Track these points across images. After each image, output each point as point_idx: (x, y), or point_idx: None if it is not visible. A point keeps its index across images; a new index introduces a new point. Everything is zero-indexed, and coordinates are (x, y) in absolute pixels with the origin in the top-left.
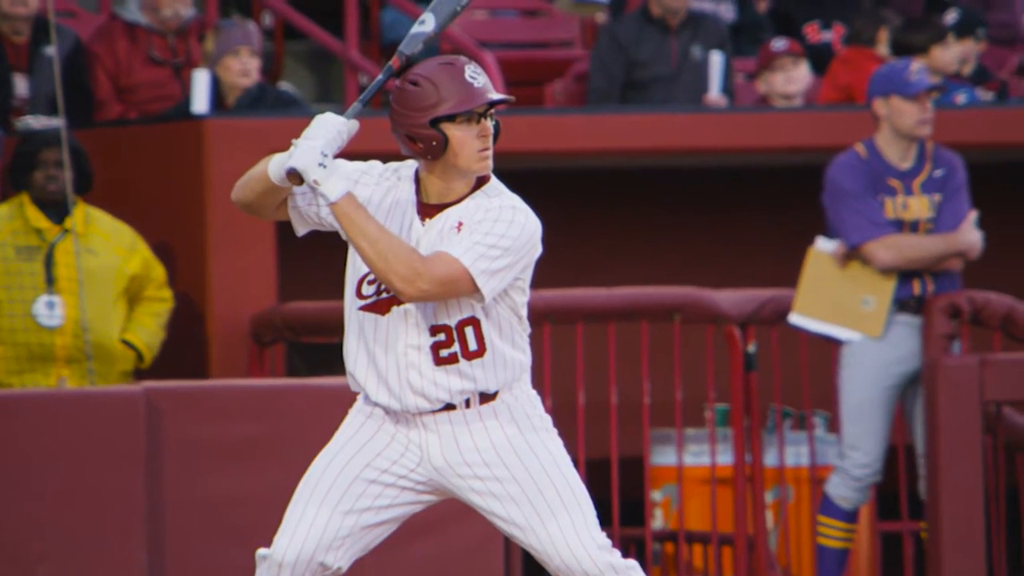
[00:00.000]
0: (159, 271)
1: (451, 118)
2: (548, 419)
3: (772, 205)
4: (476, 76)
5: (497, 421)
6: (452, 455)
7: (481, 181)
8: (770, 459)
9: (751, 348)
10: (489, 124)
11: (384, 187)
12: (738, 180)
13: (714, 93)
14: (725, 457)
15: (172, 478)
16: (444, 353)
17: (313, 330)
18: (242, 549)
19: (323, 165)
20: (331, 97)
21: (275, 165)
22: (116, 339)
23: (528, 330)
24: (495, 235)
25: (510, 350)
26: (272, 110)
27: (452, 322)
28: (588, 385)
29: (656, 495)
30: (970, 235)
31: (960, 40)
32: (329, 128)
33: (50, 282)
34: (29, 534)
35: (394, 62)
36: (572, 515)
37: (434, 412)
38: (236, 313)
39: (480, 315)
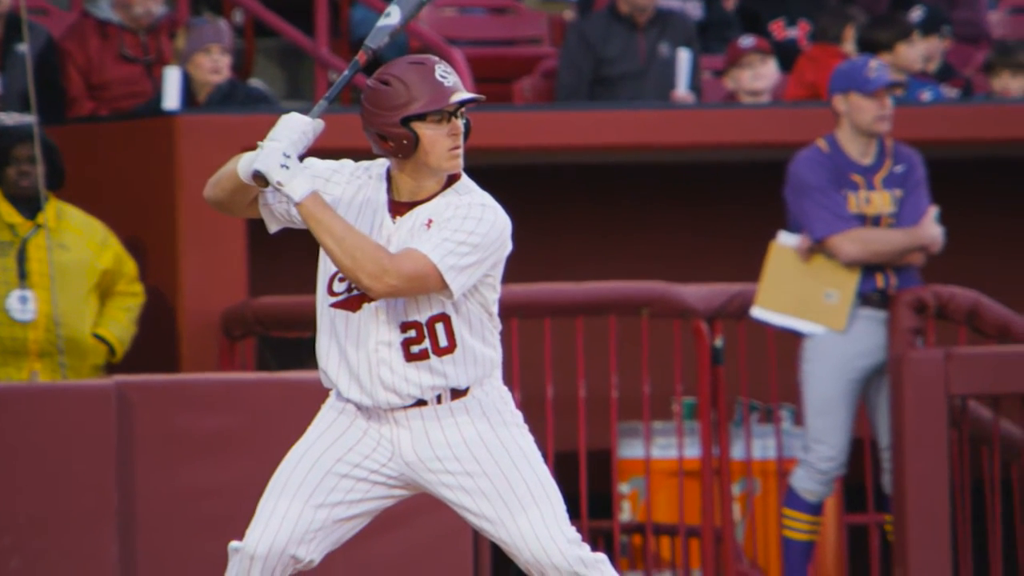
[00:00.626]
0: (130, 266)
1: (422, 117)
2: (519, 415)
3: (739, 201)
4: (446, 75)
5: (468, 416)
6: (423, 450)
7: (452, 179)
8: (737, 452)
9: (718, 342)
10: (459, 123)
11: (355, 185)
12: (705, 176)
13: (681, 90)
14: (692, 450)
15: (143, 470)
16: (415, 349)
17: (283, 325)
18: (213, 541)
19: (286, 166)
20: (301, 94)
21: (244, 164)
22: (88, 333)
23: (499, 327)
24: (464, 232)
25: (480, 346)
26: (243, 107)
27: (423, 318)
28: (556, 379)
29: (624, 488)
30: (932, 229)
31: (925, 37)
32: (293, 129)
33: (22, 277)
34: (2, 526)
35: (360, 57)
36: (542, 509)
37: (405, 408)
38: (207, 308)
39: (450, 311)
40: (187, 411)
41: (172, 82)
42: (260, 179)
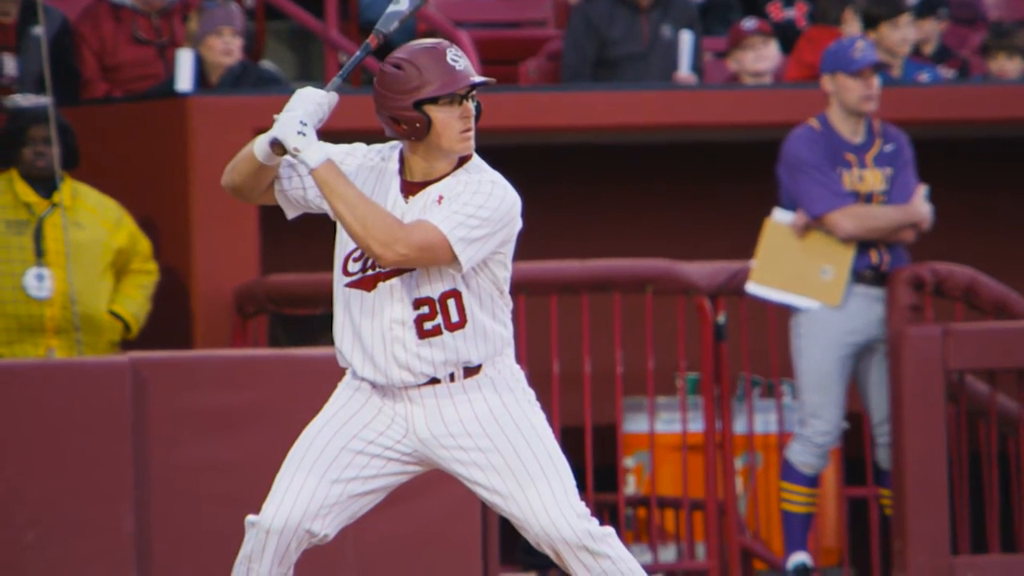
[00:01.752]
0: (145, 244)
1: (434, 100)
2: (531, 392)
3: (741, 180)
4: (458, 59)
5: (481, 394)
6: (437, 427)
7: (463, 160)
8: (739, 426)
9: (721, 319)
10: (471, 105)
11: (368, 167)
12: (708, 155)
13: (684, 71)
14: (696, 424)
15: (158, 446)
16: (428, 326)
17: (295, 302)
18: (226, 515)
19: (302, 133)
20: (311, 75)
21: (260, 141)
22: (103, 310)
23: (510, 305)
24: (474, 205)
25: (491, 323)
26: (254, 88)
27: (435, 294)
28: (562, 355)
29: (629, 462)
30: (923, 207)
31: (922, 19)
32: (309, 100)
33: (39, 255)
34: (18, 500)
35: (371, 40)
36: (552, 484)
37: (419, 386)
38: (220, 285)
39: (462, 287)
40: (200, 387)
41: (185, 64)
42: (278, 146)
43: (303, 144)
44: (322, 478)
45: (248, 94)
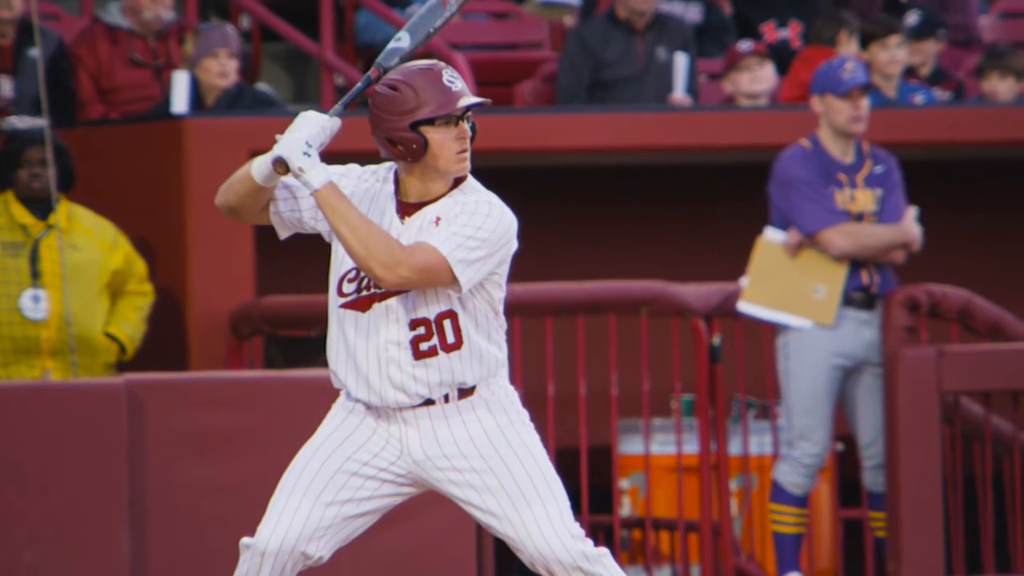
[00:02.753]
0: (140, 266)
1: (430, 121)
2: (525, 414)
3: (736, 201)
4: (454, 80)
5: (475, 414)
6: (431, 448)
7: (458, 180)
8: (734, 448)
9: (715, 340)
10: (466, 127)
11: (364, 188)
12: (703, 177)
13: (678, 93)
14: (691, 446)
15: (153, 467)
16: (424, 347)
17: (290, 323)
18: (222, 536)
19: (307, 154)
20: (307, 97)
21: (258, 164)
22: (99, 332)
23: (504, 326)
24: (472, 227)
25: (486, 344)
26: (250, 110)
27: (431, 315)
28: (557, 376)
29: (624, 483)
30: (914, 227)
31: (921, 40)
32: (313, 123)
33: (35, 276)
34: (15, 521)
35: (372, 73)
36: (547, 506)
37: (413, 407)
38: (215, 307)
39: (458, 308)
40: (196, 409)
41: (180, 86)
42: (281, 165)
43: (308, 165)
44: (316, 500)
45: (244, 116)
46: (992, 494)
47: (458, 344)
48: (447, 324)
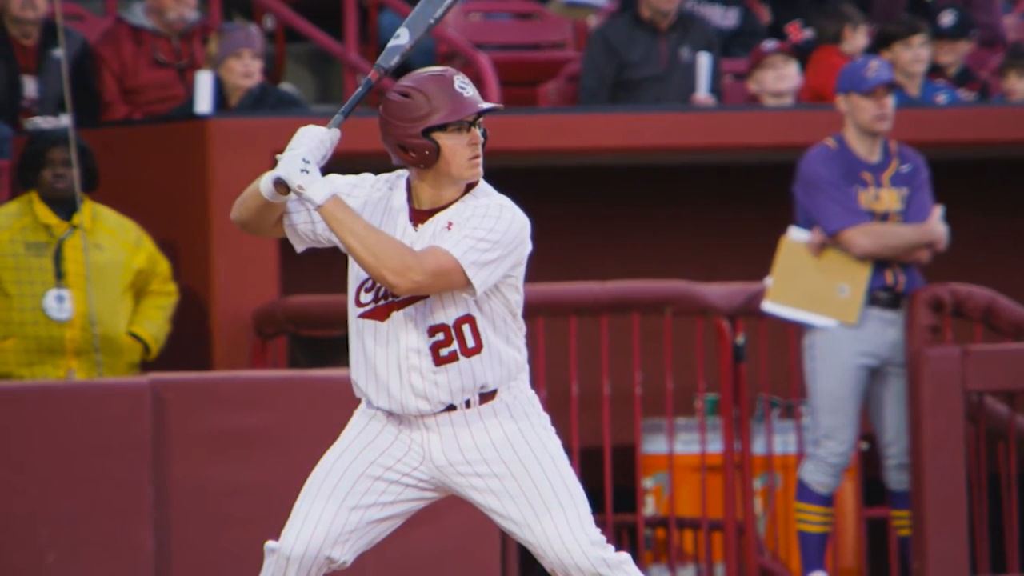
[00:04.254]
0: (164, 266)
1: (443, 127)
2: (546, 417)
3: (759, 201)
4: (465, 86)
5: (496, 420)
6: (453, 454)
7: (470, 185)
8: (758, 447)
9: (740, 340)
10: (478, 132)
11: (376, 197)
12: (726, 177)
13: (702, 93)
14: (715, 445)
15: (177, 467)
16: (444, 352)
17: (314, 323)
18: (245, 536)
19: (306, 171)
20: (331, 97)
21: (264, 180)
22: (123, 332)
23: (523, 328)
24: (484, 229)
25: (505, 347)
26: (273, 110)
27: (450, 321)
28: (582, 376)
29: (648, 482)
30: (939, 227)
31: (956, 40)
32: (310, 138)
33: (59, 277)
34: (38, 521)
35: (372, 75)
36: (567, 512)
37: (435, 414)
38: (239, 307)
39: (475, 312)
40: (220, 409)
41: (204, 86)
42: (281, 186)
43: (307, 182)
44: (341, 505)
45: (268, 116)
46: (1016, 493)
47: (478, 348)
48: (466, 329)
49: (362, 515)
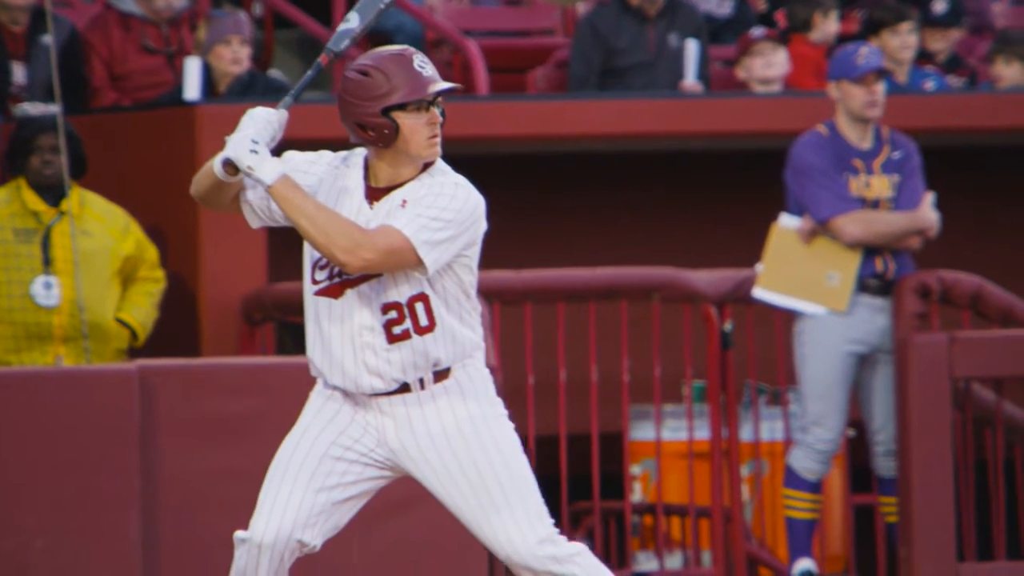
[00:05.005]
0: (152, 252)
1: (402, 107)
2: (499, 402)
3: (747, 187)
4: (424, 66)
5: (449, 401)
6: (406, 437)
7: (428, 164)
8: (746, 434)
9: (727, 326)
10: (437, 112)
11: (333, 175)
12: (715, 163)
13: (690, 79)
14: (702, 432)
15: (165, 453)
16: (397, 330)
17: (301, 310)
18: (234, 522)
19: (255, 151)
20: (319, 84)
21: (216, 161)
22: (111, 318)
23: (478, 308)
24: (437, 208)
25: (459, 326)
26: (262, 97)
27: (403, 299)
28: (569, 362)
29: (635, 469)
30: (930, 214)
31: (947, 28)
32: (259, 119)
33: (47, 263)
34: (27, 507)
35: (322, 59)
36: (514, 511)
37: (389, 394)
38: (227, 293)
39: (428, 290)
40: (208, 395)
41: (193, 73)
42: (231, 167)
43: (256, 162)
44: (307, 488)
45: (256, 103)
46: (1004, 480)
47: (431, 326)
48: (419, 307)
49: (327, 496)
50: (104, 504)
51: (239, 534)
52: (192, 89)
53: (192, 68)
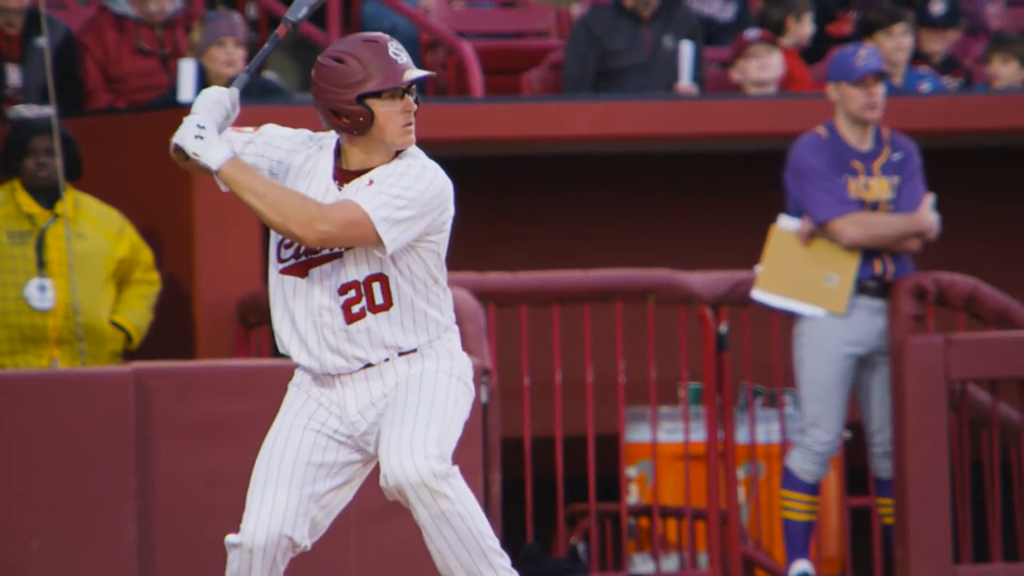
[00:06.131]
0: (147, 254)
1: (377, 94)
2: (467, 372)
3: (742, 189)
4: (399, 53)
5: (408, 365)
6: (364, 401)
7: (400, 151)
8: (742, 436)
9: (723, 328)
10: (411, 100)
11: (304, 155)
12: (709, 165)
13: (685, 81)
14: (698, 434)
15: (161, 455)
16: (355, 309)
17: None
18: (229, 525)
19: (200, 137)
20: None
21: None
22: (106, 321)
23: (449, 295)
24: (400, 187)
25: (424, 307)
26: (257, 98)
27: (360, 278)
28: (565, 364)
29: (631, 471)
30: (929, 216)
31: (945, 30)
32: (208, 100)
33: (41, 266)
34: (22, 509)
35: (280, 30)
36: (414, 428)
37: (352, 372)
38: (222, 295)
39: (389, 272)
40: (203, 397)
41: (187, 75)
42: (179, 152)
43: (202, 148)
44: (290, 485)
45: (250, 104)
46: (999, 481)
47: (387, 305)
48: (376, 286)
49: (311, 489)
50: (100, 506)
51: (230, 538)
52: (187, 91)
53: (187, 70)
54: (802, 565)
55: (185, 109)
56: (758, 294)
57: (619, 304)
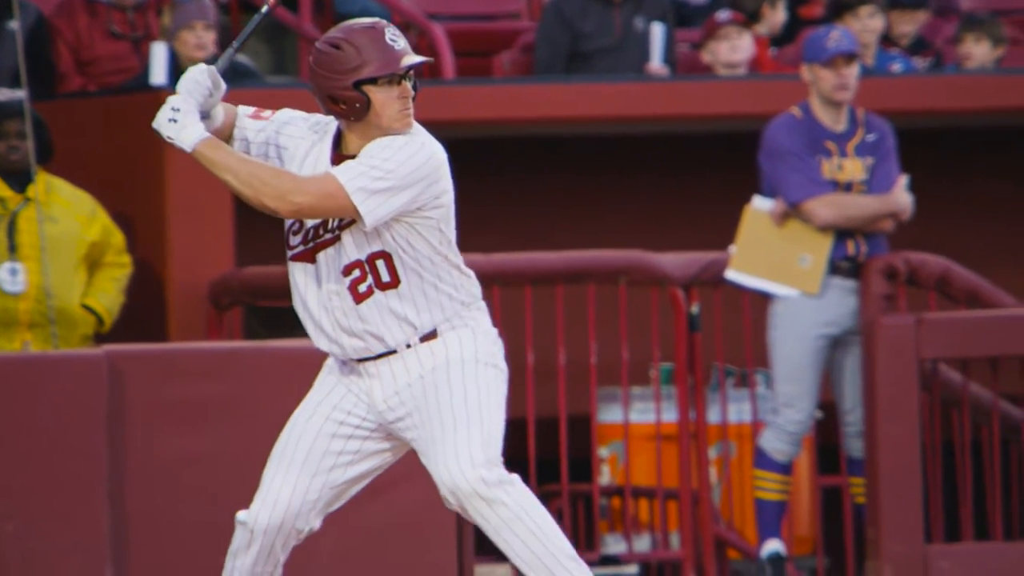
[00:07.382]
0: (118, 237)
1: (373, 81)
2: (497, 354)
3: (713, 170)
4: (396, 39)
5: (431, 352)
6: (389, 390)
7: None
8: (713, 416)
9: (694, 309)
10: (409, 85)
11: (310, 140)
12: (680, 146)
13: (655, 63)
14: (670, 415)
15: (133, 438)
16: (362, 288)
17: (270, 294)
18: (203, 508)
19: (174, 120)
20: (286, 69)
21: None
22: (77, 304)
23: (465, 272)
24: (379, 158)
25: (434, 283)
26: (229, 83)
27: (363, 256)
28: (537, 346)
29: (603, 452)
30: (903, 197)
31: (914, 10)
32: (187, 82)
33: (13, 249)
34: None
35: (271, 1)
36: (458, 434)
37: (376, 358)
38: (195, 278)
39: (392, 250)
40: (176, 380)
41: (159, 58)
42: (159, 136)
43: (175, 131)
44: (301, 474)
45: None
46: (971, 461)
47: (394, 282)
48: (380, 264)
49: (324, 479)
50: (73, 489)
51: (240, 515)
52: (158, 74)
53: (158, 53)
54: (774, 544)
55: (156, 92)
56: (732, 274)
57: (591, 285)
